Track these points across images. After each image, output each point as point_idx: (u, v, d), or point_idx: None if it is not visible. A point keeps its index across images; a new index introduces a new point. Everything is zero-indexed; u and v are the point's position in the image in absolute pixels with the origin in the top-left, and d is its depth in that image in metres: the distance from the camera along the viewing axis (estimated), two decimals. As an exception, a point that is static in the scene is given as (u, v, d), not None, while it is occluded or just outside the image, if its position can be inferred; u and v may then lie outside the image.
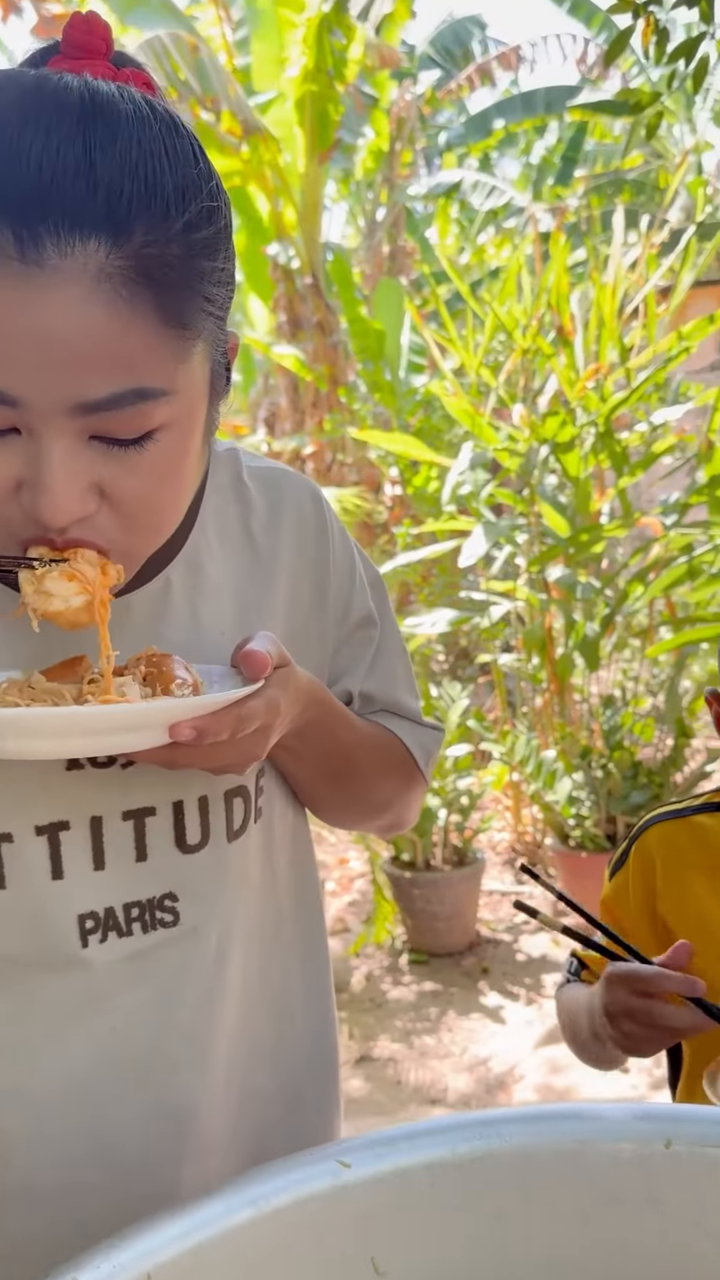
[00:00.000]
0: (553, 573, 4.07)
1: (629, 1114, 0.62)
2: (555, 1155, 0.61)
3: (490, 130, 9.51)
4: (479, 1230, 0.60)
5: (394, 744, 0.83)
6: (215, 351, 0.60)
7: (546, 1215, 0.61)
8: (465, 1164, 0.60)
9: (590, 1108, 0.63)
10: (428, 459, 4.48)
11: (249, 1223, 0.55)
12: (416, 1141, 0.61)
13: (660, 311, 3.54)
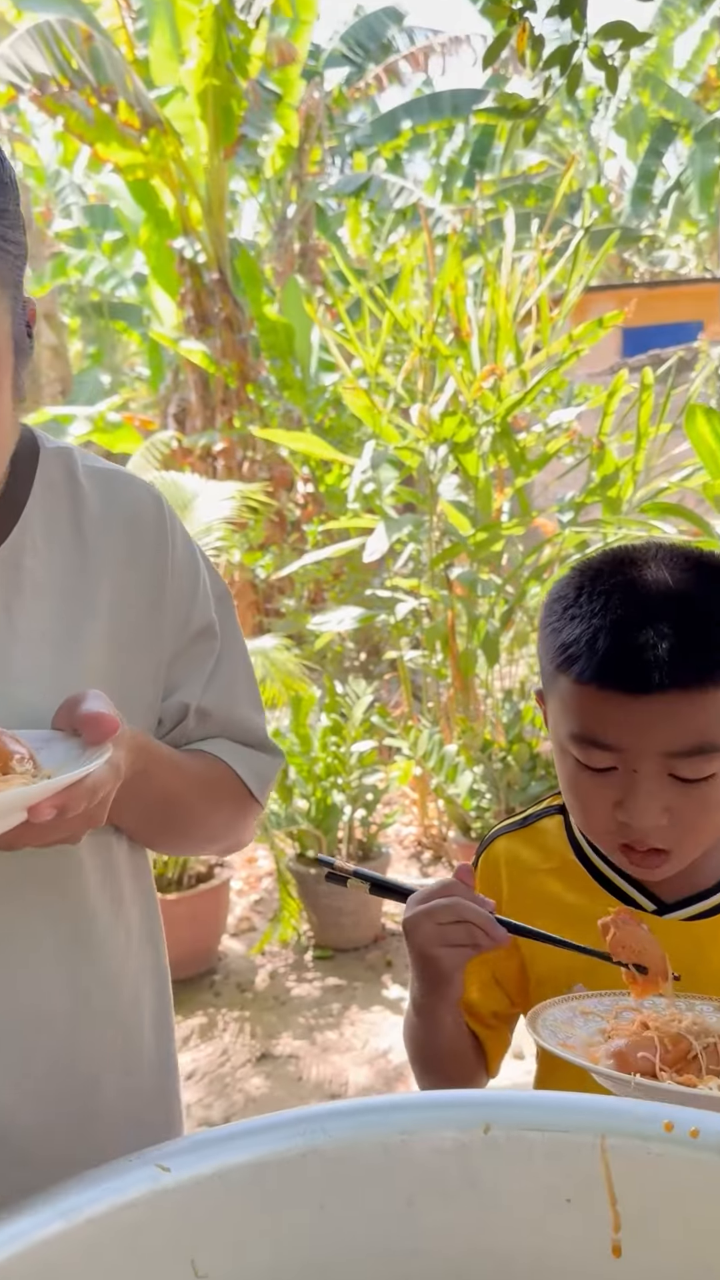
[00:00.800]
0: (455, 570, 4.13)
1: (451, 1102, 0.64)
2: (379, 1147, 0.62)
3: (398, 131, 9.56)
4: (302, 1225, 0.60)
5: (225, 776, 0.83)
6: (15, 314, 0.62)
7: (370, 1206, 0.61)
8: (288, 1161, 0.61)
9: (415, 1097, 0.65)
10: (332, 457, 4.49)
11: (58, 1235, 0.54)
12: (239, 1141, 0.61)
13: (554, 315, 3.61)
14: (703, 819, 0.80)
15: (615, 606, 0.79)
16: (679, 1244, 0.58)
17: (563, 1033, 0.73)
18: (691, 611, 0.78)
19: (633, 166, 13.76)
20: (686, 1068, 0.68)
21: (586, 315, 4.27)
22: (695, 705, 0.76)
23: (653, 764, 0.78)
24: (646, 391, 3.52)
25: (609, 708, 0.78)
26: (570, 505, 4.07)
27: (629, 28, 1.94)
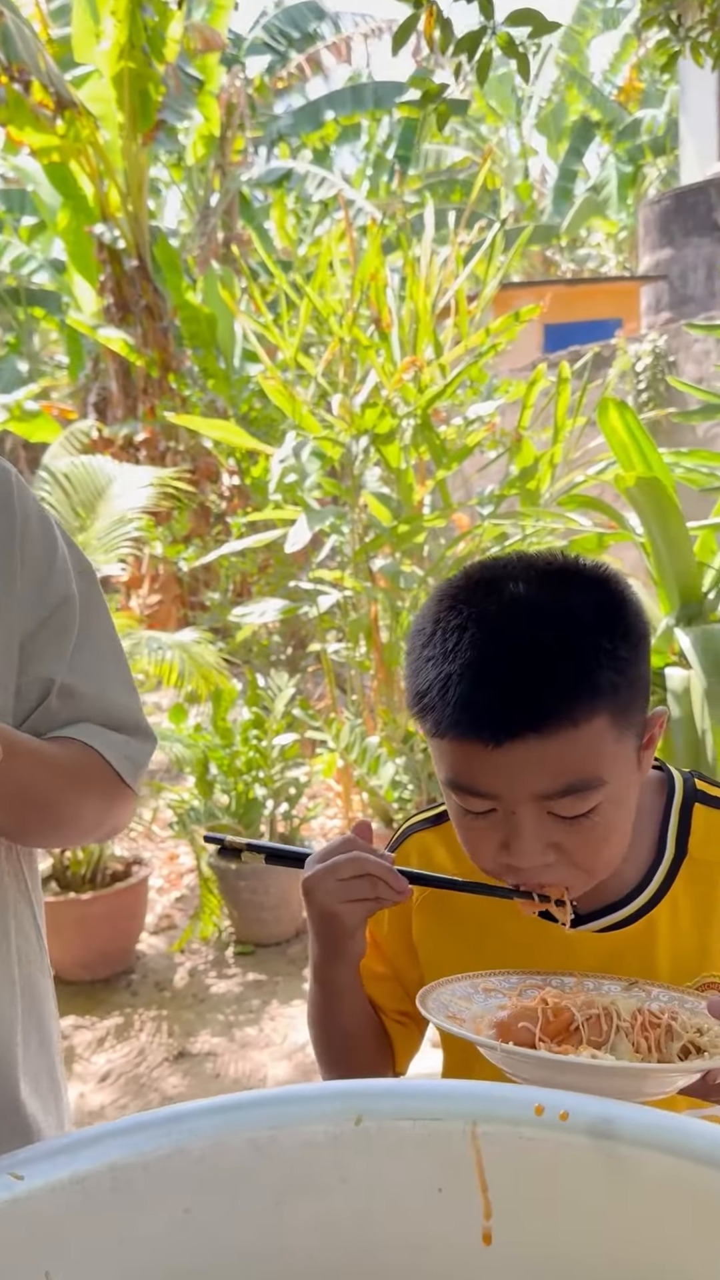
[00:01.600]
0: (377, 562, 4.13)
1: (322, 1094, 0.62)
2: (248, 1144, 0.60)
3: (322, 121, 9.51)
4: (165, 1229, 0.58)
5: (94, 764, 0.80)
6: None
7: (237, 1206, 0.59)
8: (151, 1163, 0.58)
9: (285, 1091, 0.63)
10: (251, 447, 4.44)
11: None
12: (100, 1145, 0.58)
13: (471, 310, 3.63)
14: (593, 852, 0.78)
15: (468, 647, 0.74)
16: (549, 1227, 0.57)
17: (456, 1007, 0.72)
18: (550, 644, 0.74)
19: (554, 165, 13.94)
20: (568, 1039, 0.68)
21: (510, 310, 4.30)
22: (561, 746, 0.73)
23: (529, 806, 0.75)
24: (563, 386, 3.57)
25: (471, 758, 0.75)
26: (490, 498, 4.11)
27: (538, 16, 1.95)
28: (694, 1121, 0.55)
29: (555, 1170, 0.57)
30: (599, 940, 0.86)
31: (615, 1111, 0.57)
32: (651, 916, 0.86)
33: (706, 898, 0.87)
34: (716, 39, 3.21)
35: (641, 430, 3.20)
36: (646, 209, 9.58)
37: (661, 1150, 0.55)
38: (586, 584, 0.78)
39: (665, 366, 6.23)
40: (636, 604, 0.80)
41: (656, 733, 0.83)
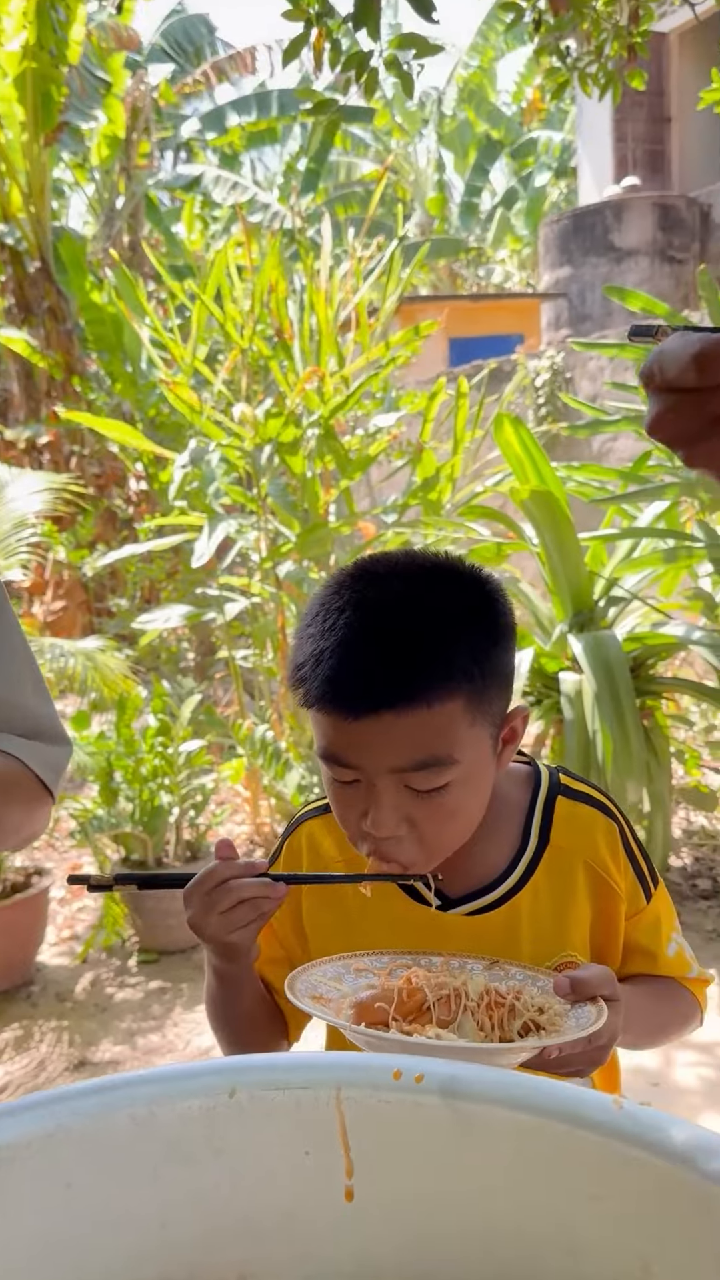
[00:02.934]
0: (284, 568, 4.17)
1: (198, 1071, 0.66)
2: (128, 1120, 0.64)
3: (227, 127, 9.52)
4: (46, 1204, 0.61)
5: (16, 772, 0.82)
6: None
7: (116, 1179, 0.63)
8: (34, 1141, 0.61)
9: (164, 1070, 0.66)
10: (151, 450, 4.43)
11: None
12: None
13: (372, 323, 3.71)
14: (443, 826, 0.85)
15: (342, 627, 0.81)
16: (405, 1181, 0.63)
17: (325, 988, 0.77)
18: (415, 631, 0.81)
19: (460, 180, 14.24)
20: (419, 1018, 0.73)
21: (416, 323, 4.41)
22: (416, 723, 0.79)
23: (387, 779, 0.82)
24: (461, 401, 3.67)
25: (336, 729, 0.82)
26: (393, 507, 4.19)
27: (422, 40, 2.04)
28: (531, 1078, 0.62)
29: (411, 1128, 0.62)
30: (468, 923, 0.93)
31: (463, 1072, 0.63)
32: (516, 901, 0.93)
33: (566, 883, 0.94)
34: (603, 70, 3.37)
35: (535, 445, 3.33)
36: (547, 228, 9.88)
37: (504, 1105, 0.61)
38: (459, 583, 0.86)
39: (562, 382, 6.44)
40: (505, 605, 0.88)
41: (518, 726, 0.90)
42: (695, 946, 3.08)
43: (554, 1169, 0.59)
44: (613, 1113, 0.57)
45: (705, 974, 1.03)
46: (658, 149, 10.10)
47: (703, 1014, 1.03)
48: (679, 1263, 0.54)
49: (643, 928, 0.98)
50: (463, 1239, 0.62)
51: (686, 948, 1.02)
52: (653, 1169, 0.55)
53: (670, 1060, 2.40)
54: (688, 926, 3.06)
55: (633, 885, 0.97)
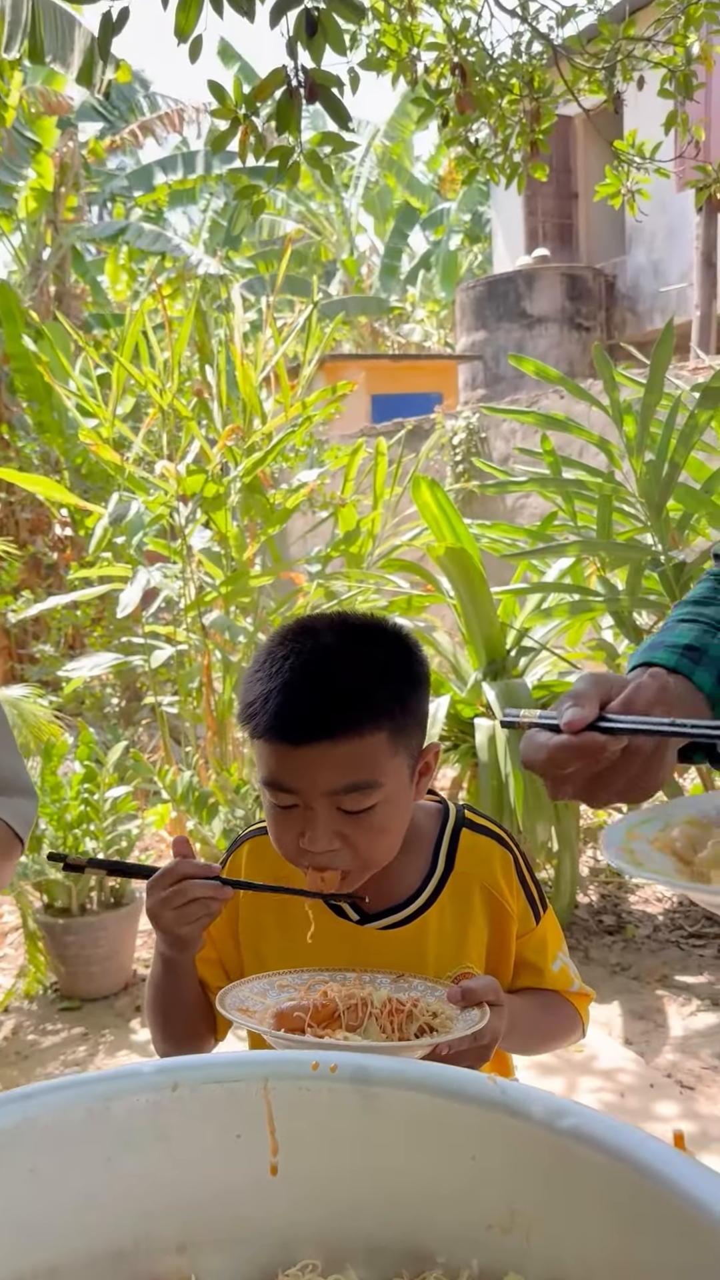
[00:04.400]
0: (210, 617, 4.28)
1: (147, 1070, 0.77)
2: (85, 1113, 0.74)
3: (154, 185, 9.75)
4: (13, 1187, 0.71)
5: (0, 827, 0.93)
6: None
7: (75, 1164, 0.73)
8: (3, 1135, 0.72)
9: (118, 1070, 0.77)
10: (73, 504, 4.51)
11: None
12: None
13: (294, 384, 3.90)
14: (372, 841, 1.00)
15: (287, 671, 0.98)
16: (323, 1157, 0.75)
17: (251, 1001, 0.90)
18: (343, 676, 0.98)
19: (381, 243, 14.75)
20: (331, 1024, 0.86)
21: (340, 380, 4.61)
22: (347, 751, 0.96)
23: (322, 801, 0.97)
24: (380, 460, 3.87)
25: (280, 757, 0.98)
26: (317, 558, 4.35)
27: (337, 137, 2.24)
28: (425, 1064, 0.75)
29: (327, 1110, 0.75)
30: (383, 936, 1.07)
31: (369, 1062, 0.75)
32: (424, 918, 1.07)
33: (466, 904, 1.09)
34: (509, 162, 3.66)
35: (450, 505, 3.53)
36: (463, 293, 10.33)
37: (402, 1087, 0.74)
38: (384, 638, 1.04)
39: (478, 441, 6.74)
40: (420, 657, 1.06)
41: (431, 760, 1.07)
42: (600, 979, 3.23)
43: (443, 1138, 0.72)
44: (489, 1088, 0.71)
45: (586, 989, 1.18)
46: (566, 223, 10.69)
47: (584, 1027, 1.17)
48: (538, 1204, 0.68)
49: (532, 946, 1.13)
50: (371, 1204, 0.74)
51: (571, 966, 1.17)
52: (519, 1130, 0.68)
53: (574, 1086, 2.55)
54: (594, 960, 3.23)
55: (524, 908, 1.12)
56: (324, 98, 1.95)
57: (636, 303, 10.10)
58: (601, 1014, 2.92)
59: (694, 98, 3.30)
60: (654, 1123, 2.38)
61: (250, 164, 2.74)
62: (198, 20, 1.81)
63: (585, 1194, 0.64)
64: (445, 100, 3.39)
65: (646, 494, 3.41)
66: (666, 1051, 2.72)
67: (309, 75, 1.94)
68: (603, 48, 3.31)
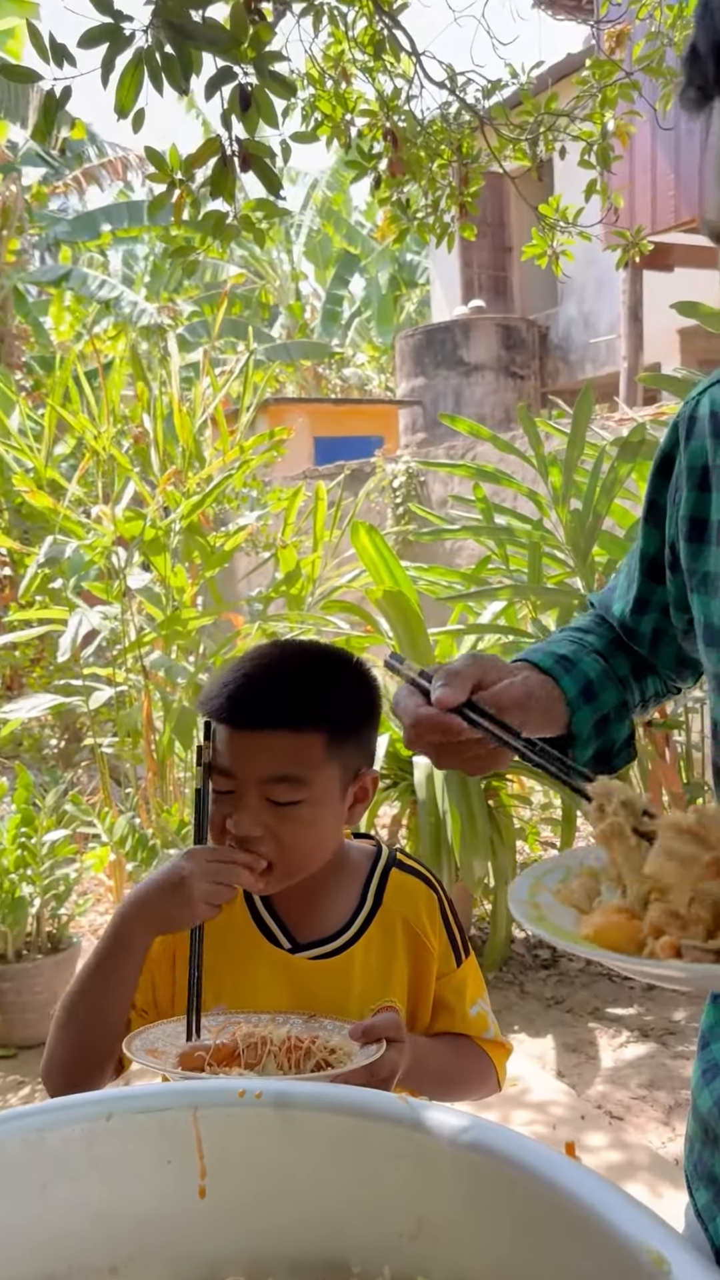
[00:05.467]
0: (151, 657, 4.31)
1: (82, 1101, 0.82)
2: (21, 1143, 0.78)
3: (99, 232, 9.86)
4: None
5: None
6: None
7: (11, 1193, 0.77)
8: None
9: (53, 1103, 0.82)
10: (8, 545, 4.53)
11: None
12: None
13: (233, 429, 3.99)
14: (294, 836, 1.07)
15: (246, 671, 1.09)
16: (248, 1178, 0.80)
17: (162, 1042, 0.95)
18: (290, 678, 1.10)
19: (322, 289, 15.05)
20: (232, 1062, 0.92)
21: (283, 422, 4.72)
22: (283, 742, 1.05)
23: (254, 789, 1.05)
24: (320, 504, 3.96)
25: (228, 740, 1.07)
26: (258, 599, 4.42)
27: (270, 204, 2.35)
28: (341, 1087, 0.81)
29: (252, 1134, 0.80)
30: (312, 965, 1.12)
31: (291, 1088, 0.81)
32: (352, 951, 1.13)
33: (391, 940, 1.15)
34: (439, 223, 3.83)
35: (388, 549, 3.63)
36: (402, 341, 10.59)
37: (320, 1110, 0.79)
38: (337, 660, 1.15)
39: (417, 485, 6.90)
40: (373, 690, 1.15)
41: (368, 786, 1.14)
42: (534, 1013, 3.30)
43: (358, 1155, 0.77)
44: (400, 1106, 0.77)
45: (504, 1040, 1.23)
46: (501, 275, 11.07)
47: (499, 1079, 1.21)
48: (443, 1211, 0.74)
49: (451, 987, 1.19)
50: (292, 1221, 0.79)
51: (490, 1016, 1.22)
52: (426, 1145, 0.74)
53: (508, 1119, 2.60)
54: (529, 995, 3.29)
55: (445, 948, 1.18)
56: (257, 167, 2.06)
57: (569, 353, 10.47)
58: (535, 1048, 2.98)
59: (612, 169, 3.51)
60: (584, 1153, 2.44)
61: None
62: (137, 96, 1.90)
63: (485, 1200, 0.70)
64: (377, 163, 3.54)
65: (573, 541, 3.55)
66: (597, 1083, 2.79)
67: (243, 145, 2.04)
68: (526, 119, 3.50)
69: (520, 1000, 3.26)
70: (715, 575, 0.83)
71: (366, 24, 3.40)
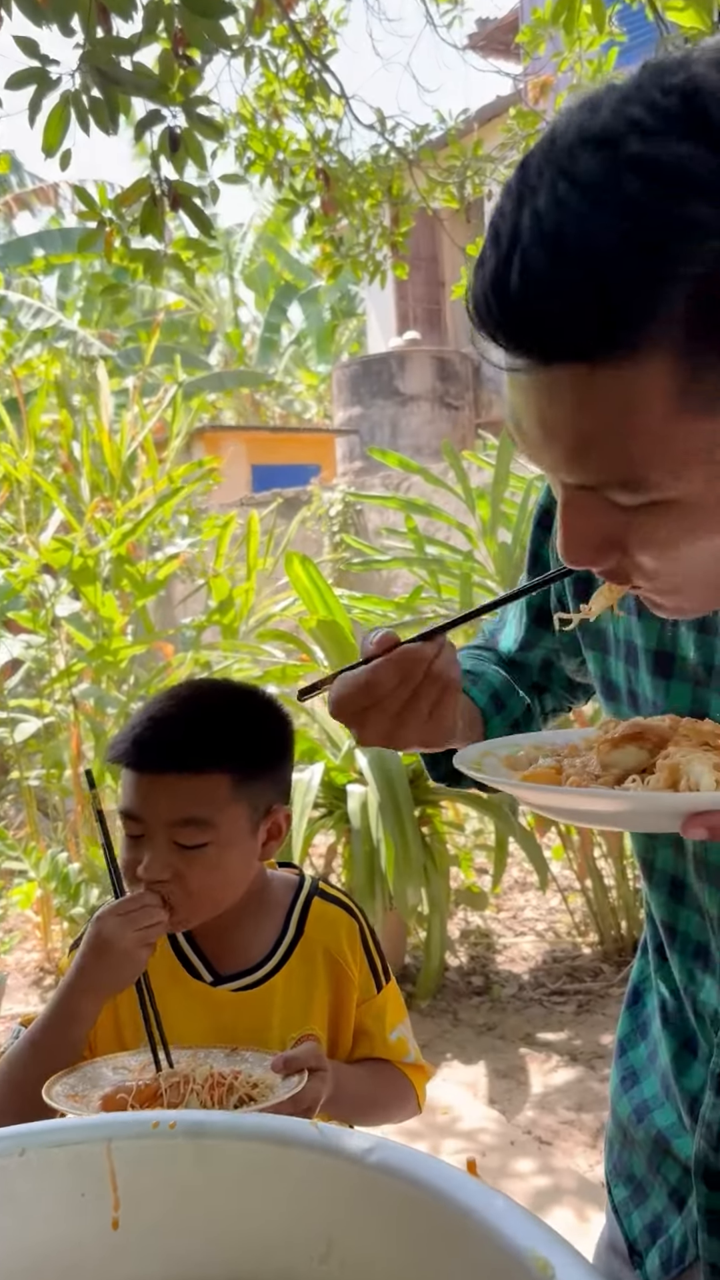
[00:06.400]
0: (80, 688, 4.26)
1: None
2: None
3: (31, 257, 9.81)
4: None
5: None
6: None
7: None
8: None
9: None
10: None
11: None
12: None
13: (163, 456, 4.01)
14: (204, 878, 1.08)
15: (151, 713, 1.11)
16: (162, 1208, 0.81)
17: (82, 1086, 0.95)
18: (193, 719, 1.11)
19: (261, 316, 15.16)
20: (154, 1102, 0.93)
21: (218, 452, 4.74)
22: (188, 785, 1.07)
23: (161, 832, 1.06)
24: (252, 535, 3.99)
25: (133, 785, 1.08)
26: (191, 626, 4.41)
27: (200, 244, 2.40)
28: (255, 1115, 0.82)
29: (166, 1165, 0.81)
30: (234, 997, 1.14)
31: (205, 1118, 0.83)
32: (274, 981, 1.15)
33: (312, 969, 1.17)
34: (371, 260, 3.92)
35: (321, 578, 3.67)
36: (339, 371, 10.73)
37: (234, 1138, 0.81)
38: (248, 699, 1.17)
39: (353, 514, 6.98)
40: (285, 724, 1.17)
41: (281, 822, 1.16)
42: (467, 1040, 3.33)
43: (269, 1181, 0.79)
44: (310, 1131, 0.79)
45: (424, 1064, 1.26)
46: (435, 308, 11.30)
47: (419, 1101, 1.23)
48: (350, 1232, 0.76)
49: (371, 1013, 1.21)
50: (206, 1249, 0.80)
51: (411, 1040, 1.24)
52: (334, 1168, 0.76)
53: (438, 1148, 2.61)
54: (462, 1022, 3.32)
55: (366, 975, 1.20)
56: (186, 207, 2.09)
57: (501, 386, 10.65)
58: (468, 1075, 3.00)
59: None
60: (511, 1180, 2.46)
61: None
62: (63, 136, 1.93)
63: (390, 1219, 0.73)
64: (310, 201, 3.62)
65: (502, 572, 3.64)
66: (527, 1109, 2.82)
67: (172, 185, 2.08)
68: (453, 163, 3.62)
69: (453, 1028, 3.28)
70: (606, 633, 0.87)
71: (297, 66, 3.49)
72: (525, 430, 0.60)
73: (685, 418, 0.53)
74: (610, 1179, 0.98)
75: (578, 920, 3.96)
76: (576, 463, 0.57)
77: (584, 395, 0.53)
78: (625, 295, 0.49)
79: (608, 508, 0.59)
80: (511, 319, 0.53)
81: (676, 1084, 0.87)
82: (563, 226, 0.49)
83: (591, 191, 0.49)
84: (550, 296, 0.51)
